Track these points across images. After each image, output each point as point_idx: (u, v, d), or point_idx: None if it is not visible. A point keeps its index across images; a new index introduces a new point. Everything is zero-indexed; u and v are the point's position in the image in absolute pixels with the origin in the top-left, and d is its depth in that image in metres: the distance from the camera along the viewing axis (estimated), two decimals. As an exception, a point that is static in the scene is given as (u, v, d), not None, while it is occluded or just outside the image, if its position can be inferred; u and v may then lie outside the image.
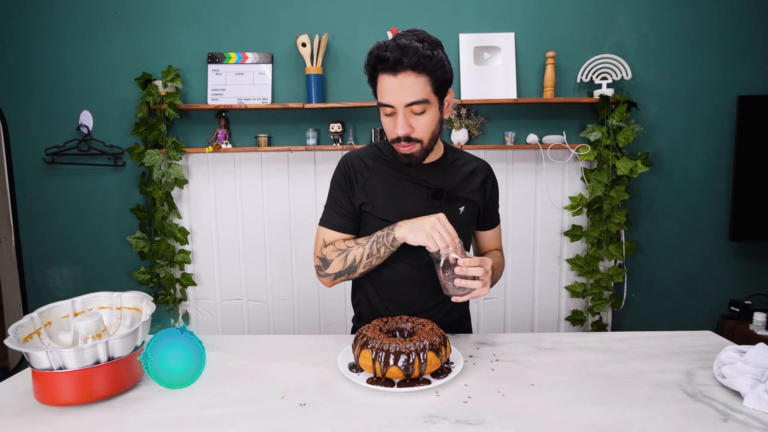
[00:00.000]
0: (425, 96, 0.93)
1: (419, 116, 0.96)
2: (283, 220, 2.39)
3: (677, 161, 2.30)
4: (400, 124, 0.95)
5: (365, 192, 1.08)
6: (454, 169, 1.11)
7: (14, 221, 2.33)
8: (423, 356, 0.79)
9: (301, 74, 2.29)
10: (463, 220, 1.10)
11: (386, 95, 0.94)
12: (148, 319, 0.85)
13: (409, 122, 0.96)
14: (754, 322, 2.17)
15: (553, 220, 2.36)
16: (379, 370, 0.79)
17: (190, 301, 2.44)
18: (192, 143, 2.33)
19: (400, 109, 0.94)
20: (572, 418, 0.70)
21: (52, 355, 0.72)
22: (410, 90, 0.92)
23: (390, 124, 0.98)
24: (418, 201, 1.07)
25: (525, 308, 2.43)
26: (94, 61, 2.28)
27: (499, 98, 2.19)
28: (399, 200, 1.07)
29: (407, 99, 0.93)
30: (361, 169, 1.09)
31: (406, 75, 0.91)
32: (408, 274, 1.10)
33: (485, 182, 1.14)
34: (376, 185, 1.08)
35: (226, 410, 0.74)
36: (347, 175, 1.09)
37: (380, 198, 1.07)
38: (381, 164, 1.10)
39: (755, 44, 2.22)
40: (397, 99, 0.93)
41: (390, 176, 1.08)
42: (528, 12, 2.24)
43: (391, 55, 0.90)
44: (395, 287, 1.11)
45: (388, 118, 0.98)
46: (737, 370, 0.77)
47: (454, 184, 1.10)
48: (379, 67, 0.93)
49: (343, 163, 1.11)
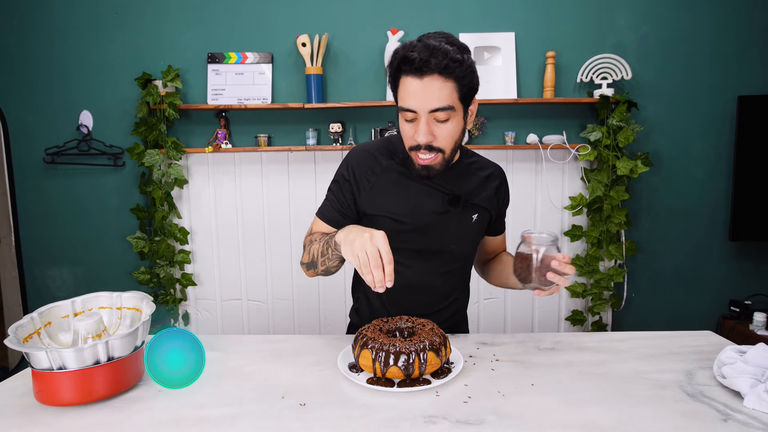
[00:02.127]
0: (451, 102, 0.87)
1: (443, 124, 0.89)
2: (283, 220, 2.39)
3: (677, 161, 2.30)
4: (422, 132, 0.88)
5: (376, 192, 1.01)
6: (470, 174, 1.06)
7: (14, 221, 2.33)
8: (423, 356, 0.79)
9: (301, 74, 2.29)
10: (474, 229, 1.06)
11: (409, 99, 0.87)
12: (148, 319, 0.85)
13: (432, 130, 0.89)
14: (754, 322, 2.17)
15: (553, 220, 2.36)
16: (379, 370, 0.79)
17: (190, 301, 2.44)
18: (192, 143, 2.33)
19: (423, 115, 0.88)
20: (572, 418, 0.70)
21: (51, 355, 0.72)
22: (436, 95, 0.85)
23: (410, 131, 0.91)
24: (434, 206, 1.01)
25: (525, 308, 2.43)
26: (94, 61, 2.28)
27: (499, 98, 2.19)
28: (413, 204, 1.01)
29: (432, 105, 0.86)
30: (373, 167, 1.02)
31: (432, 79, 0.85)
32: (414, 280, 1.05)
33: (499, 189, 1.10)
34: (388, 186, 1.01)
35: (226, 410, 0.74)
36: (355, 175, 1.02)
37: (392, 200, 1.01)
38: (395, 162, 1.02)
39: (755, 44, 2.22)
40: (421, 104, 0.86)
41: (404, 176, 1.01)
42: (528, 12, 2.24)
43: (418, 56, 0.83)
44: (398, 292, 1.04)
45: (408, 124, 0.91)
46: (737, 370, 0.77)
47: (470, 189, 1.05)
48: (403, 68, 0.86)
49: (353, 161, 1.03)
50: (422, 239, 1.03)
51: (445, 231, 1.03)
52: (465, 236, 1.06)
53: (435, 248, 1.04)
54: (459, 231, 1.04)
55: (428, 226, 1.02)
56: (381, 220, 1.02)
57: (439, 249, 1.04)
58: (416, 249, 1.04)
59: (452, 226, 1.03)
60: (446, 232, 1.03)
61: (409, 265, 1.04)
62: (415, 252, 1.04)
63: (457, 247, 1.06)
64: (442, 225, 1.03)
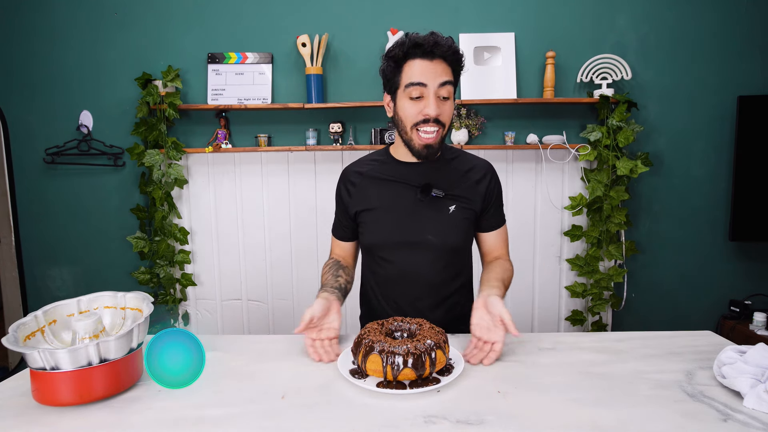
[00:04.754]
0: (452, 81, 1.01)
1: (445, 101, 1.01)
2: (283, 220, 2.39)
3: (677, 161, 2.30)
4: (432, 104, 0.99)
5: (360, 195, 1.14)
6: (449, 169, 1.12)
7: (14, 221, 2.33)
8: (432, 355, 0.81)
9: (301, 74, 2.29)
10: (453, 220, 1.10)
11: (418, 76, 0.99)
12: (145, 320, 0.85)
13: (439, 105, 1.00)
14: (754, 322, 2.17)
15: (553, 220, 2.36)
16: (391, 374, 0.79)
17: (190, 301, 2.44)
18: (192, 143, 2.33)
19: (432, 90, 0.99)
20: (572, 418, 0.70)
21: (43, 355, 0.72)
22: (443, 73, 0.99)
23: (415, 108, 1.01)
24: (406, 197, 1.10)
25: (525, 308, 2.43)
26: (94, 61, 2.28)
27: (499, 98, 2.19)
28: (389, 199, 1.11)
29: (440, 79, 0.99)
30: (355, 177, 1.16)
31: (439, 62, 0.99)
32: (401, 272, 1.12)
33: (481, 180, 1.12)
34: (368, 187, 1.13)
35: (226, 410, 0.74)
36: (343, 188, 1.17)
37: (373, 199, 1.12)
38: (375, 166, 1.15)
39: (755, 44, 2.22)
40: (431, 79, 0.99)
41: (383, 177, 1.13)
42: (528, 12, 2.24)
43: (426, 42, 0.97)
44: (389, 287, 1.14)
45: (413, 102, 1.01)
46: (737, 370, 0.77)
47: (447, 182, 1.10)
48: (412, 51, 0.99)
49: (341, 177, 1.19)
50: (399, 231, 1.10)
51: (419, 221, 1.09)
52: (443, 227, 1.09)
53: (413, 239, 1.10)
54: (434, 221, 1.09)
55: (402, 217, 1.10)
56: (363, 215, 1.13)
57: (416, 240, 1.10)
58: (396, 241, 1.11)
59: (426, 215, 1.09)
60: (420, 222, 1.09)
61: (392, 260, 1.12)
62: (396, 244, 1.11)
63: (435, 238, 1.09)
64: (416, 215, 1.09)
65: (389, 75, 1.03)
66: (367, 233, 1.14)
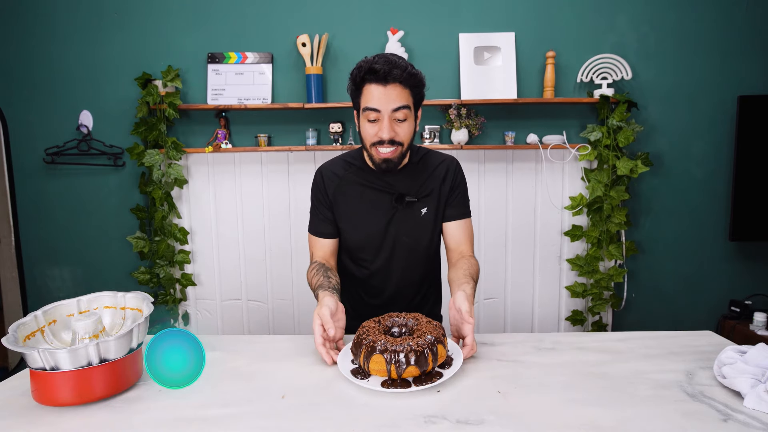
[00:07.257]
0: (408, 103, 1.05)
1: (402, 123, 1.06)
2: (283, 220, 2.39)
3: (677, 161, 2.30)
4: (386, 128, 1.04)
5: (336, 200, 1.19)
6: (418, 172, 1.18)
7: (14, 221, 2.33)
8: (434, 350, 0.82)
9: (301, 74, 2.29)
10: (424, 222, 1.18)
11: (373, 101, 1.03)
12: (145, 320, 0.85)
13: (393, 127, 1.05)
14: (754, 322, 2.17)
15: (553, 220, 2.36)
16: (395, 372, 0.79)
17: (190, 301, 2.43)
18: (192, 143, 2.33)
19: (386, 114, 1.03)
20: (572, 418, 0.70)
21: (43, 355, 0.72)
22: (397, 98, 1.03)
23: (373, 130, 1.06)
24: (382, 206, 1.16)
25: (525, 308, 2.43)
26: (94, 61, 2.28)
27: (499, 98, 2.19)
28: (364, 207, 1.17)
29: (393, 105, 1.03)
30: (332, 178, 1.20)
31: (394, 86, 1.02)
32: (383, 271, 1.20)
33: (446, 175, 1.19)
34: (344, 194, 1.18)
35: (226, 410, 0.74)
36: (321, 185, 1.20)
37: (348, 206, 1.17)
38: (350, 172, 1.19)
39: (755, 44, 2.22)
40: (384, 105, 1.03)
41: (358, 184, 1.18)
42: (528, 12, 2.24)
43: (381, 68, 1.01)
44: (372, 284, 1.21)
45: (371, 124, 1.06)
46: (737, 370, 0.77)
47: (419, 185, 1.17)
48: (368, 77, 1.03)
49: (317, 174, 1.23)
50: (378, 234, 1.17)
51: (395, 224, 1.17)
52: (416, 228, 1.18)
53: (390, 241, 1.18)
54: (409, 224, 1.18)
55: (379, 221, 1.17)
56: (340, 218, 1.19)
57: (393, 241, 1.18)
58: (374, 245, 1.18)
59: (400, 219, 1.17)
60: (395, 226, 1.17)
61: (372, 260, 1.19)
62: (373, 248, 1.19)
63: (408, 238, 1.18)
64: (391, 219, 1.17)
65: (352, 96, 1.10)
66: (344, 237, 1.20)
